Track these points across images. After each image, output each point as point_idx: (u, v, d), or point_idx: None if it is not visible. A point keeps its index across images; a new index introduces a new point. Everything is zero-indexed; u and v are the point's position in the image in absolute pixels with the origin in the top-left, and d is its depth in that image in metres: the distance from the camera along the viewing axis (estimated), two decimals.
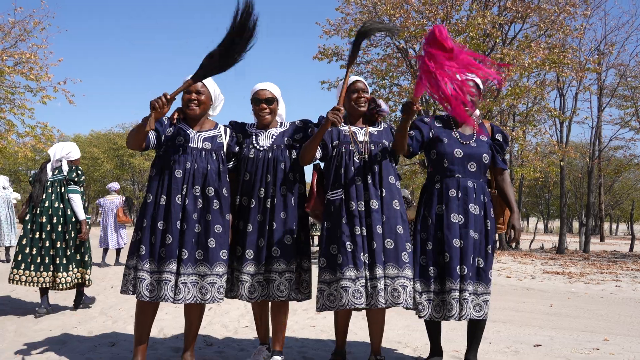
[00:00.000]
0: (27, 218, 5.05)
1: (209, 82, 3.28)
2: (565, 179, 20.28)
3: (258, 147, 3.30)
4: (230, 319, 5.05)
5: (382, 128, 3.40)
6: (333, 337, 3.58)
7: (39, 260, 4.96)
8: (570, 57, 14.25)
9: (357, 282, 3.06)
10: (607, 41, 19.07)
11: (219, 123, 3.41)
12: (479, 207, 3.24)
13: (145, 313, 3.14)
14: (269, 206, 3.20)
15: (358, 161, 3.23)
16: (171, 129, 3.24)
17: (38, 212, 5.02)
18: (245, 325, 4.77)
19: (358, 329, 4.50)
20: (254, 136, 3.34)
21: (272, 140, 3.32)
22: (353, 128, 3.33)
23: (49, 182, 5.09)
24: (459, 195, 3.22)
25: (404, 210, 3.26)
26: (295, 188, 3.27)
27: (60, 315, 5.10)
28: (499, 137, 3.41)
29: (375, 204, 3.15)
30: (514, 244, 18.54)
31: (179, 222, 3.08)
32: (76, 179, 5.12)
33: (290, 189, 3.24)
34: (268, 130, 3.36)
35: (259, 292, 3.16)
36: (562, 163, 17.49)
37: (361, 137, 3.29)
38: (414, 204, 17.33)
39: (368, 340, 3.37)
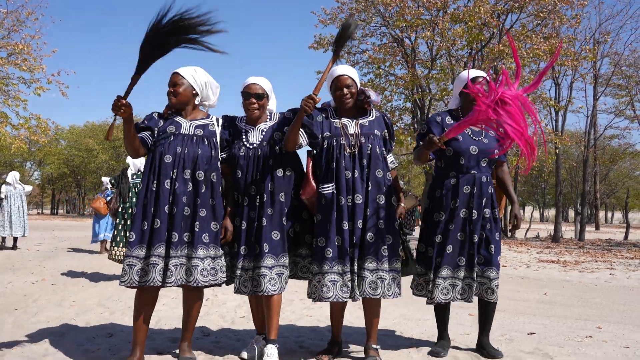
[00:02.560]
0: (119, 210, 6.67)
1: (188, 73, 3.22)
2: (561, 168, 20.35)
3: (248, 144, 3.31)
4: (227, 309, 5.09)
5: (373, 117, 3.40)
6: (329, 327, 3.61)
7: (125, 241, 6.36)
8: (566, 47, 14.25)
9: (344, 277, 3.14)
10: (601, 30, 19.07)
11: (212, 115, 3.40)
12: (488, 199, 3.36)
13: (145, 303, 3.16)
14: (258, 203, 3.24)
15: (348, 155, 3.25)
16: (162, 121, 3.26)
17: (127, 205, 6.62)
18: (242, 315, 4.80)
19: (354, 319, 4.54)
20: (243, 133, 3.34)
21: (262, 136, 3.32)
22: (344, 120, 3.34)
23: (132, 184, 6.69)
24: (474, 191, 3.31)
25: (392, 204, 3.30)
26: (286, 184, 3.28)
27: (58, 307, 5.12)
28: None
29: (359, 199, 3.20)
30: (509, 233, 18.76)
31: (167, 206, 3.11)
32: None
33: (279, 186, 3.25)
34: (257, 126, 3.35)
35: (250, 287, 3.23)
36: (557, 152, 17.54)
37: (352, 130, 3.31)
38: (410, 193, 17.38)
39: (364, 329, 3.40)
